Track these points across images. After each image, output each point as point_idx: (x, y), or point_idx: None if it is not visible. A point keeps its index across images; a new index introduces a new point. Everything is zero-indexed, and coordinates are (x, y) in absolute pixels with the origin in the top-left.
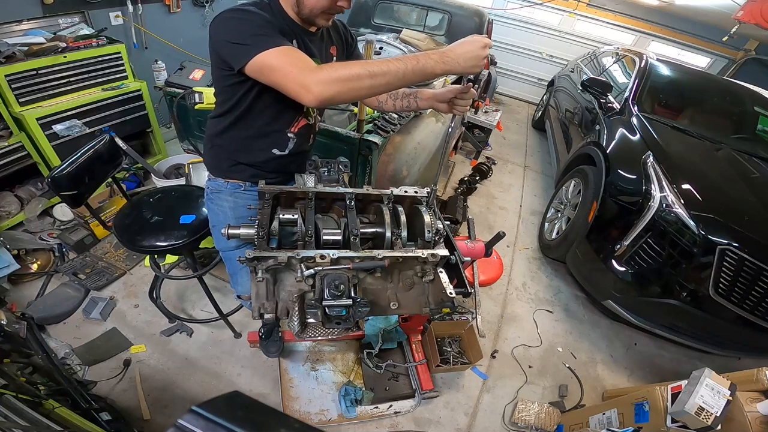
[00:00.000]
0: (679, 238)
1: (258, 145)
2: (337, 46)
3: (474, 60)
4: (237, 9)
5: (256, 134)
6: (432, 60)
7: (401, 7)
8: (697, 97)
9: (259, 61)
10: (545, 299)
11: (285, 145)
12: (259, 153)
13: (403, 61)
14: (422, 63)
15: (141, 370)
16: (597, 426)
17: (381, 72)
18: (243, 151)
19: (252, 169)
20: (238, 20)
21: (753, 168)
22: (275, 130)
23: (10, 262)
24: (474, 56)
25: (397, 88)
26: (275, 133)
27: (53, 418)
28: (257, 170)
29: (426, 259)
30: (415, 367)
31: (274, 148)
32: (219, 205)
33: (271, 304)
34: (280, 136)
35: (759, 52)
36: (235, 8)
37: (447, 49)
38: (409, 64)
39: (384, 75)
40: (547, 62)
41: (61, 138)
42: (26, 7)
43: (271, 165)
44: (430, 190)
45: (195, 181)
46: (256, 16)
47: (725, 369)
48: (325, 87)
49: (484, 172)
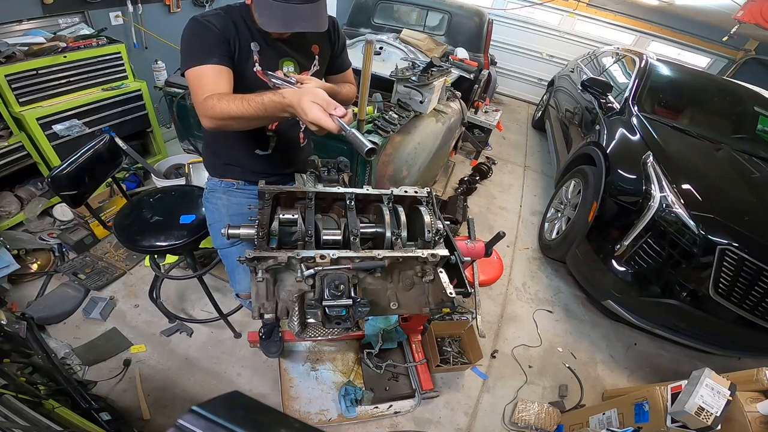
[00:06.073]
0: (679, 238)
1: (241, 146)
2: (319, 45)
3: (301, 112)
4: (197, 20)
5: (237, 135)
6: (277, 102)
7: (401, 7)
8: (697, 97)
9: (187, 76)
10: (545, 299)
11: (266, 144)
12: (244, 153)
13: (262, 99)
14: (270, 104)
15: (141, 370)
16: (597, 426)
17: (245, 114)
18: (229, 152)
19: (241, 169)
20: (190, 31)
21: (753, 168)
22: (253, 130)
23: (10, 262)
24: (300, 109)
25: (268, 121)
26: (254, 132)
27: (53, 418)
28: (246, 170)
29: (426, 259)
30: (415, 367)
31: (256, 148)
32: (214, 204)
33: (271, 304)
34: (260, 136)
35: (759, 52)
36: (198, 17)
37: (289, 94)
38: (266, 100)
39: (248, 116)
40: (547, 62)
41: (61, 138)
42: (26, 7)
43: (258, 165)
44: (429, 189)
45: (195, 181)
46: (206, 28)
47: (725, 369)
48: (206, 120)
49: (484, 172)
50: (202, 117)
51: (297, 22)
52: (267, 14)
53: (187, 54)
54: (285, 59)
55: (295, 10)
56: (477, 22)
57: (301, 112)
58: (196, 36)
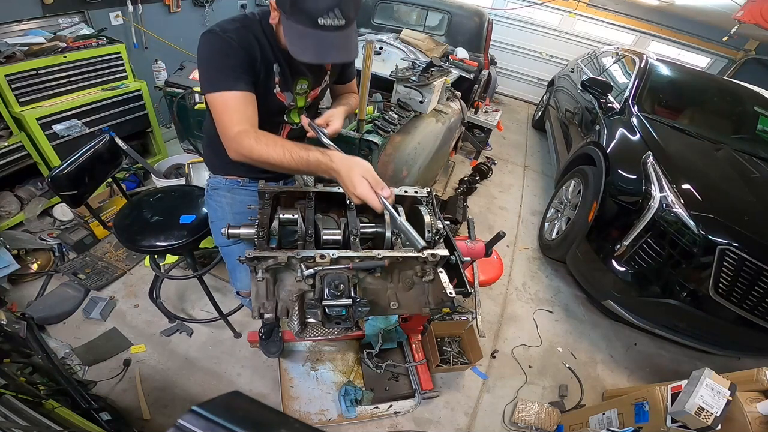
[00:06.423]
0: (679, 238)
1: None
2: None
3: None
4: (218, 35)
5: None
6: (323, 164)
7: (401, 7)
8: (697, 97)
9: (209, 98)
10: (545, 299)
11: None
12: None
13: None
14: (315, 163)
15: (141, 370)
16: (597, 426)
17: (284, 164)
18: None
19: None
20: (211, 47)
21: (753, 168)
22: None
23: (10, 262)
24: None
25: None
26: None
27: (53, 418)
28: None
29: (426, 259)
30: (415, 367)
31: None
32: (217, 201)
33: (271, 303)
34: None
35: (759, 52)
36: (219, 32)
37: (338, 160)
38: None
39: (285, 167)
40: (547, 62)
41: (61, 138)
42: (26, 7)
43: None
44: (429, 189)
45: (195, 181)
46: (229, 47)
47: (725, 369)
48: (236, 155)
49: (484, 172)
50: (231, 150)
51: (330, 53)
52: (299, 44)
53: (211, 75)
54: (300, 78)
55: (327, 39)
56: (477, 22)
57: (348, 183)
58: (219, 55)
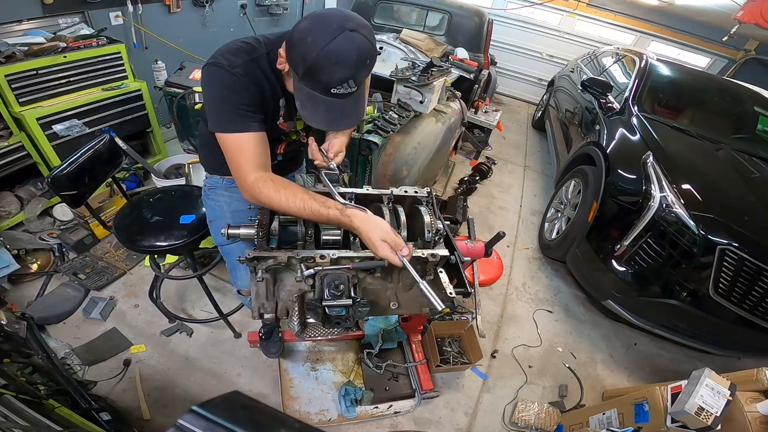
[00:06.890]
0: (679, 238)
1: None
2: None
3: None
4: (227, 71)
5: None
6: (344, 223)
7: (401, 7)
8: (697, 97)
9: (222, 138)
10: (545, 299)
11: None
12: None
13: (327, 213)
14: (335, 221)
15: (141, 370)
16: (597, 426)
17: (302, 216)
18: None
19: None
20: (220, 84)
21: (753, 168)
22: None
23: (10, 262)
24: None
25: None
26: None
27: (53, 418)
28: None
29: (426, 259)
30: (415, 367)
31: None
32: (215, 201)
33: (271, 303)
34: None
35: (759, 52)
36: (227, 67)
37: (358, 221)
38: (331, 216)
39: (303, 218)
40: (547, 62)
41: (61, 138)
42: (26, 7)
43: None
44: (429, 189)
45: (195, 181)
46: (240, 84)
47: (725, 369)
48: (252, 200)
49: (484, 172)
50: (246, 194)
51: (341, 121)
52: (311, 108)
53: (222, 115)
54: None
55: (338, 106)
56: (477, 22)
57: (369, 245)
58: (229, 92)
